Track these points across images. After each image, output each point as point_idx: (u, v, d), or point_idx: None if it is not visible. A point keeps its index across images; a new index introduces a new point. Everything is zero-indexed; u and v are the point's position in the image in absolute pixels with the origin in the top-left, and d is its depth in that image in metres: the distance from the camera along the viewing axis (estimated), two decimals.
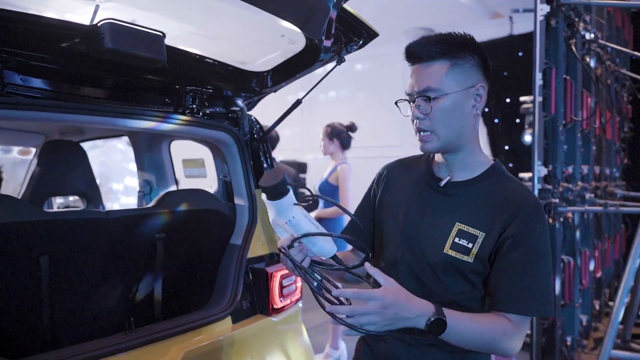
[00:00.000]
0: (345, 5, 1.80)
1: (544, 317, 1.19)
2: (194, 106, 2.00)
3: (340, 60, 2.00)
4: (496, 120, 7.97)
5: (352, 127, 4.13)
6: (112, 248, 1.73)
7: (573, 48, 3.49)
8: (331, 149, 4.09)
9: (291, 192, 1.16)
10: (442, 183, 1.30)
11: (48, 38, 1.50)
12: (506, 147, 7.84)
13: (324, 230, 1.19)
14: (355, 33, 1.92)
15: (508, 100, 7.60)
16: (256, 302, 2.04)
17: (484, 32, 7.98)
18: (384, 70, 8.92)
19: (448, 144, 1.26)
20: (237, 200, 2.18)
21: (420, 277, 1.27)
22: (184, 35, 1.86)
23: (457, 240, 1.23)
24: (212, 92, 2.03)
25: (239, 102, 2.15)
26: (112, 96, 1.77)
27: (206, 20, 1.91)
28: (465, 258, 1.22)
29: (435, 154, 1.36)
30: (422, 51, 1.24)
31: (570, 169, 3.60)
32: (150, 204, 1.95)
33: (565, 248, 3.53)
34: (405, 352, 1.30)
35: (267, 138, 2.27)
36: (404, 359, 1.30)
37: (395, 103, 1.31)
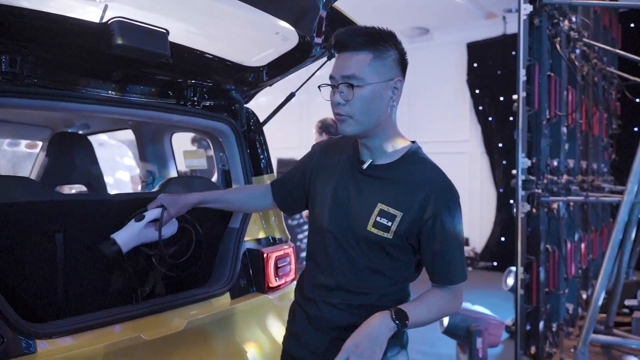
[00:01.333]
0: (335, 5, 1.96)
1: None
2: (194, 99, 2.15)
3: (331, 56, 2.15)
4: (490, 119, 8.14)
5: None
6: (119, 227, 1.88)
7: (557, 46, 3.64)
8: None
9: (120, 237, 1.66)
10: (365, 166, 1.42)
11: (63, 34, 1.66)
12: (499, 145, 8.01)
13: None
14: None
15: (502, 98, 7.77)
16: (253, 280, 2.19)
17: (479, 31, 8.17)
18: None
19: (365, 130, 1.38)
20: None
21: (345, 248, 1.43)
22: (187, 33, 2.01)
23: (378, 219, 1.37)
24: (211, 86, 2.19)
25: (237, 95, 2.30)
26: (120, 88, 1.92)
27: (206, 19, 2.06)
28: (385, 235, 1.37)
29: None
30: (349, 41, 1.34)
31: (555, 162, 3.76)
32: (154, 189, 2.10)
33: (550, 238, 3.68)
34: (335, 315, 1.45)
35: None
36: (334, 321, 1.45)
37: (319, 87, 1.43)
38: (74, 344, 1.52)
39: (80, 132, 3.08)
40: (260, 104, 2.53)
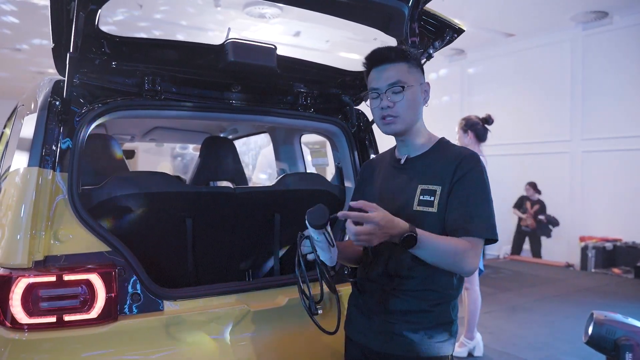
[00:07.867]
0: (427, 7, 2.04)
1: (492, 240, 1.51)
2: (306, 103, 2.40)
3: (429, 56, 2.23)
4: None
5: (488, 120, 4.16)
6: (239, 216, 2.22)
7: None
8: (465, 141, 4.16)
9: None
10: (402, 161, 1.67)
11: (189, 56, 2.04)
12: None
13: (335, 250, 1.54)
14: (439, 30, 2.14)
15: None
16: (356, 269, 2.36)
17: None
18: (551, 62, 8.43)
19: (408, 127, 1.62)
20: (347, 183, 2.54)
21: None
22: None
23: (421, 197, 1.56)
24: (321, 91, 2.42)
25: (346, 98, 2.50)
26: (239, 98, 2.25)
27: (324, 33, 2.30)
28: (430, 210, 1.54)
29: (396, 143, 1.71)
30: (386, 55, 1.60)
31: None
32: (272, 184, 2.41)
33: None
34: (386, 298, 1.60)
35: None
36: (385, 306, 1.60)
37: (362, 97, 1.70)
38: (192, 307, 1.87)
39: (231, 136, 3.59)
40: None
